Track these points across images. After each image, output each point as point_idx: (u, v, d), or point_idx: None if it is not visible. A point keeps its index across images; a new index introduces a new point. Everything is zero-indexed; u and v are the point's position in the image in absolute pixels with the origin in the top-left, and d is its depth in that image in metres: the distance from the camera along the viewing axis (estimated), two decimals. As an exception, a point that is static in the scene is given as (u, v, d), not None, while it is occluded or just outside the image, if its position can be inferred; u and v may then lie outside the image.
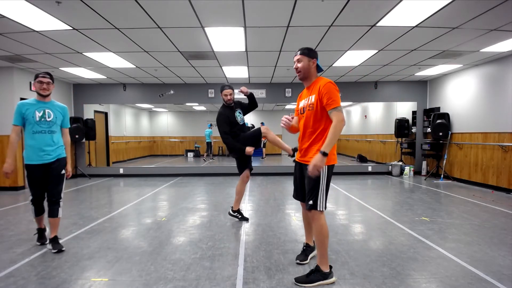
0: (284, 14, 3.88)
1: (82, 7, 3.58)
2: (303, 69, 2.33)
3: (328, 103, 2.17)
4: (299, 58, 2.33)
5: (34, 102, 2.97)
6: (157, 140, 15.93)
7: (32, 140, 2.90)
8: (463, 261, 2.69)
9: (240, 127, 3.90)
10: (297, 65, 2.34)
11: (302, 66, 2.32)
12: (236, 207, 4.07)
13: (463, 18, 4.00)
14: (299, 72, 2.35)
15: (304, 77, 2.37)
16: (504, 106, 5.88)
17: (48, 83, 2.95)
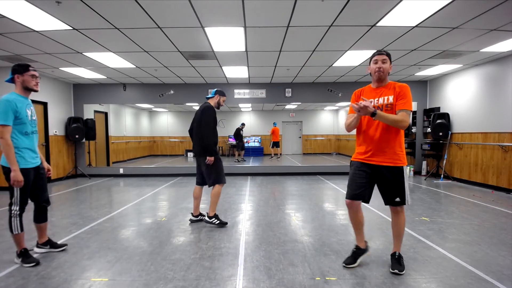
0: (284, 14, 3.88)
1: (82, 7, 3.58)
2: (385, 70, 2.41)
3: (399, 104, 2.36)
4: (385, 58, 2.40)
5: (21, 98, 2.62)
6: (157, 140, 15.93)
7: (27, 141, 2.64)
8: (463, 261, 2.69)
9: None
10: (381, 65, 2.40)
11: (386, 68, 2.41)
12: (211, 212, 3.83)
13: (463, 18, 4.00)
14: (382, 72, 2.40)
15: (384, 78, 2.45)
16: (504, 106, 5.88)
17: (39, 77, 2.70)
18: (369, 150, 2.44)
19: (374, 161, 2.42)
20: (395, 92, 2.37)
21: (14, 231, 2.61)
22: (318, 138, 16.37)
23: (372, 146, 2.43)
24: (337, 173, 8.70)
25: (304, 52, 5.65)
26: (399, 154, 2.41)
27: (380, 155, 2.40)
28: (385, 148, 2.39)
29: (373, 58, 2.44)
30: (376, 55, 2.42)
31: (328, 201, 5.35)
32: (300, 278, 2.41)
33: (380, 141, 2.40)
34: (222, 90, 3.94)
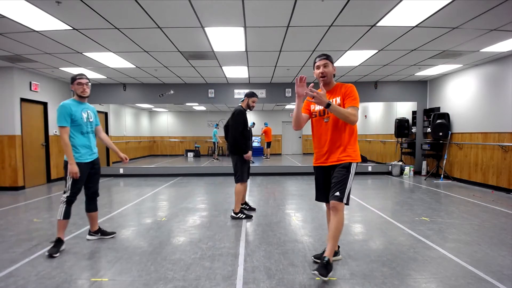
0: (284, 14, 3.88)
1: (82, 7, 3.58)
2: (328, 74, 2.43)
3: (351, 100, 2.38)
4: (326, 63, 2.41)
5: (77, 103, 3.04)
6: (157, 140, 15.93)
7: (83, 141, 3.05)
8: (463, 261, 2.69)
9: (250, 134, 4.37)
10: (323, 69, 2.41)
11: (329, 71, 2.43)
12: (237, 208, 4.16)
13: (463, 18, 4.00)
14: (325, 77, 2.42)
15: (329, 81, 2.46)
16: (504, 106, 5.88)
17: (87, 84, 3.05)
18: (326, 153, 2.47)
19: (330, 162, 2.46)
20: (341, 93, 2.43)
21: (58, 216, 2.97)
22: (318, 138, 16.33)
23: (327, 148, 2.45)
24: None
25: (304, 52, 5.65)
26: (349, 150, 2.42)
27: (334, 155, 2.44)
28: (339, 148, 2.42)
29: (315, 64, 2.46)
30: (317, 61, 2.44)
31: (328, 201, 5.34)
32: (300, 278, 2.41)
33: (333, 141, 2.43)
34: (251, 92, 4.21)
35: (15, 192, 6.34)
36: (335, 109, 2.24)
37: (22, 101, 6.66)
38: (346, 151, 2.41)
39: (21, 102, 6.63)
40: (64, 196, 2.98)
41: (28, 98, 6.84)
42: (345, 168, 2.39)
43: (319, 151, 2.52)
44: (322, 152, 2.49)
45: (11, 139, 6.49)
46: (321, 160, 2.51)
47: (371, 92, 8.68)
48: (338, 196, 2.35)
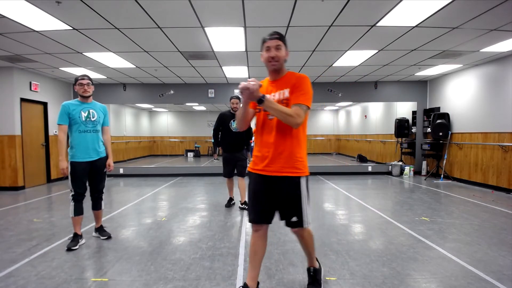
0: (284, 14, 3.88)
1: (82, 7, 3.58)
2: (281, 59, 1.89)
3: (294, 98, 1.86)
4: (279, 44, 1.86)
5: (78, 103, 3.13)
6: (157, 140, 15.93)
7: (79, 139, 3.08)
8: (463, 261, 2.69)
9: (232, 134, 4.54)
10: (275, 53, 1.86)
11: (281, 55, 1.89)
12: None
13: (463, 18, 4.00)
14: (277, 61, 1.88)
15: (279, 68, 1.93)
16: (504, 106, 5.88)
17: (88, 84, 3.12)
18: (266, 157, 1.92)
19: (271, 171, 1.91)
20: (291, 85, 1.89)
21: (69, 213, 3.13)
22: (318, 138, 16.36)
23: (269, 151, 1.91)
24: (337, 173, 8.70)
25: (304, 52, 5.65)
26: (295, 161, 1.90)
27: (277, 162, 1.89)
28: (282, 154, 1.89)
29: (265, 44, 1.90)
30: (268, 40, 1.88)
31: (328, 201, 5.35)
32: (300, 278, 2.41)
33: (277, 145, 1.89)
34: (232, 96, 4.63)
35: (15, 192, 6.34)
36: (271, 105, 1.76)
37: (22, 101, 6.66)
38: (291, 161, 1.89)
39: (21, 102, 6.63)
40: (70, 194, 3.13)
41: (28, 98, 6.84)
42: (293, 186, 1.91)
43: (259, 155, 1.96)
44: (262, 155, 1.94)
45: (11, 139, 6.49)
46: (260, 166, 1.95)
47: (371, 92, 8.68)
48: (296, 221, 1.94)
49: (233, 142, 4.58)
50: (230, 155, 4.63)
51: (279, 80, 1.96)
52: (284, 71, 1.97)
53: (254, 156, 2.02)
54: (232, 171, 4.70)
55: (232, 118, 4.57)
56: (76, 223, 3.15)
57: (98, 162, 3.21)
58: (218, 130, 4.68)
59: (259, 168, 1.95)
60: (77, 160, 3.07)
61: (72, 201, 3.10)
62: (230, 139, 4.58)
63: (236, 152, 4.63)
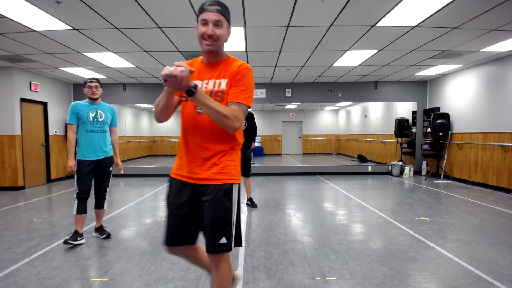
0: (284, 14, 3.88)
1: (82, 7, 3.58)
2: (221, 38, 1.51)
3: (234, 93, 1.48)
4: (219, 20, 1.48)
5: (87, 103, 3.25)
6: (157, 140, 15.92)
7: (86, 138, 3.18)
8: (463, 261, 2.69)
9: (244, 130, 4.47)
10: (213, 30, 1.46)
11: (222, 34, 1.51)
12: None
13: (463, 18, 4.00)
14: (215, 41, 1.48)
15: (217, 49, 1.55)
16: (504, 106, 5.88)
17: (96, 87, 3.24)
18: (191, 159, 1.53)
19: (199, 178, 1.51)
20: (230, 74, 1.51)
21: (73, 211, 3.18)
22: (318, 138, 16.37)
23: (195, 152, 1.52)
24: (337, 173, 8.70)
25: (304, 52, 5.65)
26: (227, 164, 1.53)
27: (203, 167, 1.51)
28: (213, 158, 1.51)
29: (201, 16, 1.47)
30: (206, 11, 1.46)
31: (328, 201, 5.35)
32: (300, 278, 2.41)
33: (204, 144, 1.51)
34: None
35: (15, 192, 6.33)
36: (203, 100, 1.35)
37: (22, 101, 6.66)
38: (222, 164, 1.51)
39: (21, 102, 6.62)
40: (75, 192, 3.19)
41: (28, 98, 6.84)
42: (225, 194, 1.50)
43: (184, 156, 1.56)
44: (187, 157, 1.54)
45: (11, 139, 6.49)
46: (183, 171, 1.54)
47: (371, 92, 8.68)
48: (225, 244, 1.56)
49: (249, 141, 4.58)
50: None
51: (215, 65, 1.56)
52: (222, 55, 1.59)
53: (178, 158, 1.59)
54: None
55: None
56: (78, 221, 3.20)
57: (104, 161, 3.28)
58: None
59: (184, 174, 1.54)
60: (83, 158, 3.17)
61: (76, 199, 3.17)
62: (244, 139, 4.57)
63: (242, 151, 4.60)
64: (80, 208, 3.16)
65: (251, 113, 4.73)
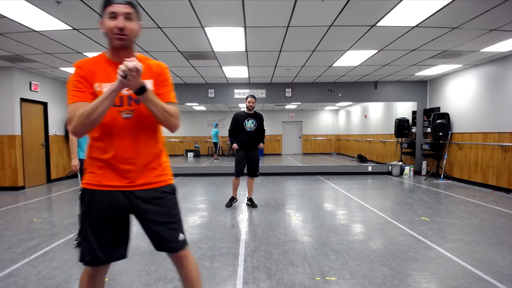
0: (284, 14, 3.88)
1: (82, 7, 3.58)
2: (133, 33, 1.36)
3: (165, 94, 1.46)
4: (130, 12, 1.33)
5: None
6: (157, 140, 15.90)
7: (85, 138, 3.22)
8: (463, 261, 2.69)
9: (247, 133, 4.63)
10: (125, 23, 1.31)
11: (133, 28, 1.36)
12: None
13: (463, 18, 4.00)
14: (125, 35, 1.33)
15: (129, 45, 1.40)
16: (504, 106, 5.88)
17: None
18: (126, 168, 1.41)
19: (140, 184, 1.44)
20: (153, 74, 1.47)
21: (77, 211, 3.27)
22: (318, 138, 16.37)
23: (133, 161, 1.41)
24: (337, 173, 8.70)
25: (304, 52, 5.65)
26: (167, 168, 1.54)
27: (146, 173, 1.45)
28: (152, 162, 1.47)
29: (108, 9, 1.31)
30: (114, 3, 1.31)
31: (328, 201, 5.35)
32: (300, 278, 2.41)
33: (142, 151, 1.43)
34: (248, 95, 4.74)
35: (15, 192, 6.33)
36: (153, 99, 1.32)
37: (22, 101, 6.66)
38: (161, 166, 1.51)
39: (21, 102, 6.63)
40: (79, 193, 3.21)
41: (28, 98, 6.84)
42: (173, 193, 1.54)
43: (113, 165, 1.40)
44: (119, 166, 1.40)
45: (11, 139, 6.49)
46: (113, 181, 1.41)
47: (371, 92, 8.68)
48: (184, 240, 1.56)
49: (247, 141, 4.64)
50: (244, 154, 4.66)
51: None
52: (133, 52, 1.45)
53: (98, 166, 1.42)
54: (243, 171, 4.76)
55: (247, 117, 4.65)
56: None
57: None
58: (234, 131, 4.73)
59: (117, 184, 1.42)
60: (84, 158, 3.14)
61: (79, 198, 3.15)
62: (245, 138, 4.63)
63: (250, 151, 4.68)
64: None
65: (261, 114, 4.80)
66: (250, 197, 4.89)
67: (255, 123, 4.67)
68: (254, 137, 4.69)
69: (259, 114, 4.78)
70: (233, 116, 4.76)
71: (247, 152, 4.66)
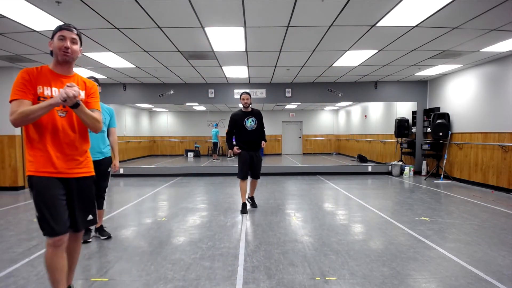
0: (284, 14, 3.88)
1: (82, 7, 3.58)
2: (76, 52, 1.84)
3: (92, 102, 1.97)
4: (75, 38, 1.82)
5: None
6: (157, 140, 15.93)
7: None
8: (463, 261, 2.69)
9: (249, 132, 4.41)
10: (71, 46, 1.80)
11: (77, 50, 1.85)
12: None
13: (463, 18, 4.00)
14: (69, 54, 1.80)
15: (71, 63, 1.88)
16: (504, 106, 5.88)
17: None
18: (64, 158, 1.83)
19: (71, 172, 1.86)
20: (86, 88, 1.96)
21: None
22: (318, 138, 16.37)
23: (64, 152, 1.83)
24: (337, 173, 8.70)
25: (304, 52, 5.65)
26: (90, 161, 2.01)
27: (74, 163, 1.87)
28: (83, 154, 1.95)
29: (59, 34, 1.79)
30: (64, 30, 1.79)
31: (328, 201, 5.35)
32: (300, 278, 2.41)
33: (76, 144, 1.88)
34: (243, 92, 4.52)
35: (15, 192, 6.33)
36: (84, 110, 1.77)
37: (22, 101, 6.66)
38: (87, 160, 1.97)
39: (21, 102, 6.62)
40: None
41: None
42: (93, 183, 2.01)
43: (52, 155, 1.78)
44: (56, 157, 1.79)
45: (11, 139, 6.49)
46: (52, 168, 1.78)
47: (371, 92, 8.68)
48: (92, 220, 2.00)
49: (250, 140, 4.41)
50: (248, 155, 4.40)
51: (69, 77, 1.89)
52: (72, 68, 1.93)
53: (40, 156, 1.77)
54: (249, 172, 4.50)
55: (246, 116, 4.41)
56: None
57: (102, 162, 3.27)
58: (232, 133, 4.49)
59: (55, 170, 1.79)
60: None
61: None
62: (247, 138, 4.39)
63: (254, 150, 4.46)
64: None
65: (258, 110, 4.57)
66: (252, 196, 4.78)
67: (255, 121, 4.44)
68: (257, 136, 4.47)
69: (257, 111, 4.54)
70: (231, 117, 4.48)
71: (250, 152, 4.42)
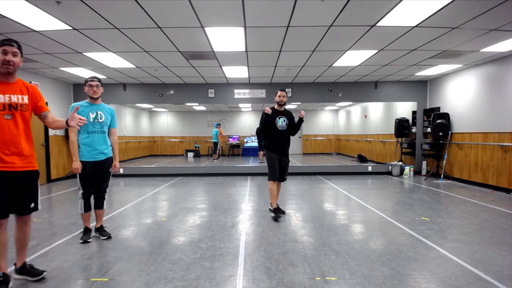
0: (284, 14, 3.88)
1: (82, 7, 3.58)
2: (16, 64, 2.19)
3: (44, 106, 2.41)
4: (16, 51, 2.18)
5: (87, 104, 3.24)
6: (157, 140, 15.93)
7: (87, 139, 3.19)
8: (463, 261, 2.70)
9: (278, 132, 4.16)
10: (11, 58, 2.15)
11: (18, 61, 2.20)
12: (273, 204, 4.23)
13: (463, 18, 4.00)
14: (11, 66, 2.16)
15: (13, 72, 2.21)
16: (504, 106, 5.88)
17: (97, 86, 3.23)
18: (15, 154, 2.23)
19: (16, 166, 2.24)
20: (29, 92, 2.28)
21: (79, 210, 3.28)
22: (318, 138, 16.37)
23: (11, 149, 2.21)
24: (337, 173, 8.70)
25: (304, 52, 5.65)
26: (34, 157, 2.41)
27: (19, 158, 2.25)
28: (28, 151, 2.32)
29: (1, 48, 2.14)
30: (6, 45, 2.14)
31: (328, 201, 5.35)
32: (300, 278, 2.41)
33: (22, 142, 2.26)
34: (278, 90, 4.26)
35: None
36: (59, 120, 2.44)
37: (22, 101, 6.65)
38: (31, 155, 2.36)
39: (21, 102, 6.61)
40: (79, 193, 3.27)
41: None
42: (36, 176, 2.41)
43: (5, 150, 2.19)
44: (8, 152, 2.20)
45: None
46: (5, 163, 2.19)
47: (371, 92, 8.68)
48: (34, 207, 2.40)
49: (280, 141, 4.16)
50: (279, 156, 4.14)
51: (12, 84, 2.22)
52: (15, 77, 2.25)
53: None
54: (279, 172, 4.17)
55: (278, 115, 4.16)
56: (86, 219, 3.31)
57: (103, 162, 3.30)
58: (265, 130, 4.19)
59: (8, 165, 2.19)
60: (84, 159, 3.18)
61: (81, 199, 3.24)
62: (276, 139, 4.15)
63: (284, 153, 4.20)
64: (86, 207, 3.26)
65: (290, 111, 4.34)
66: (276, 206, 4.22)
67: (286, 122, 4.19)
68: (286, 138, 4.21)
69: (289, 112, 4.31)
70: (263, 113, 4.16)
71: (281, 154, 4.16)
